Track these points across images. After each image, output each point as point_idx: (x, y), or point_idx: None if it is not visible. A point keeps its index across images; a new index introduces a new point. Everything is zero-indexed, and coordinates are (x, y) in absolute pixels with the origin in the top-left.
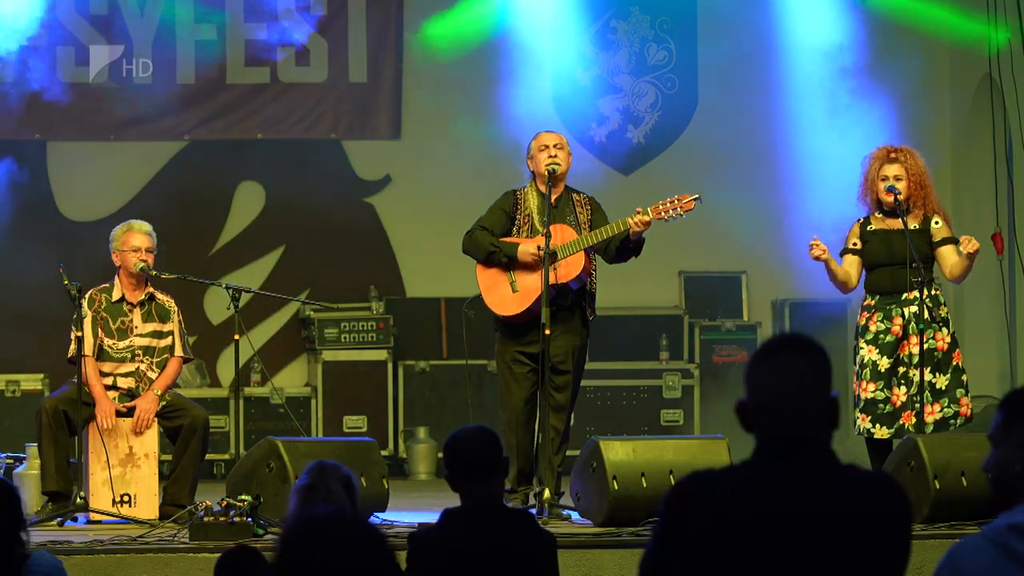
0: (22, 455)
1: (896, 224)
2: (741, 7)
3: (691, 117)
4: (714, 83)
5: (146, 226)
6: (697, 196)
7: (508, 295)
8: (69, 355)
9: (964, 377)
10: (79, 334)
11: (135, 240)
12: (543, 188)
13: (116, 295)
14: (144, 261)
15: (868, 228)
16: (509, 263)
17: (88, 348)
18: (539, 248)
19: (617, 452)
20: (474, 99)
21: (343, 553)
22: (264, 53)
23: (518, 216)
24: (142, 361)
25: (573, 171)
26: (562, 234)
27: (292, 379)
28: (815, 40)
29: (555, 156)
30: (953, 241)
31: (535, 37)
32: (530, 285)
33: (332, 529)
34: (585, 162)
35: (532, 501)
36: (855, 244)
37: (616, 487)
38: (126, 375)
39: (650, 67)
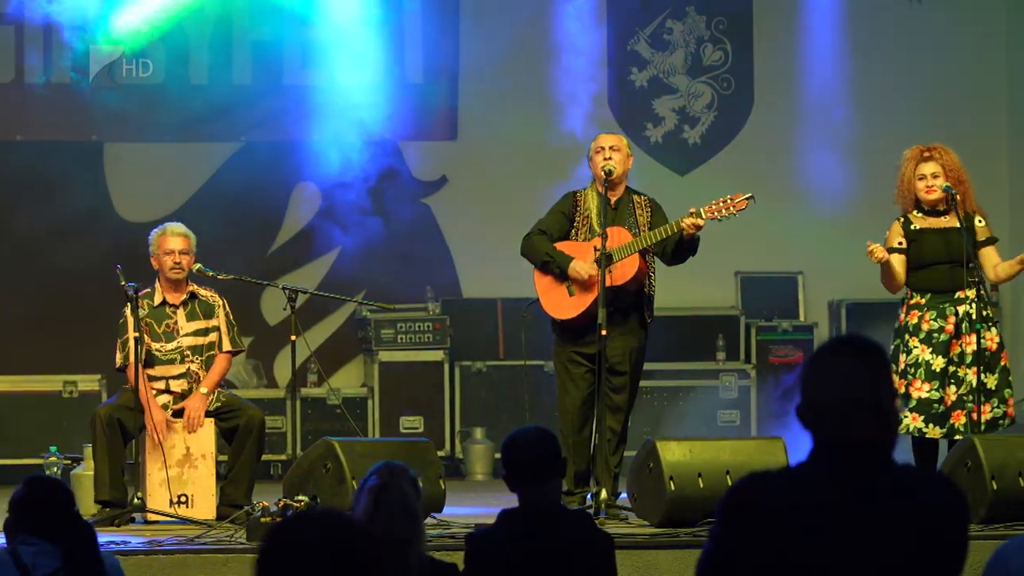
0: (79, 456)
1: (943, 222)
2: (796, 6)
3: (747, 117)
4: (770, 83)
5: (180, 228)
6: (750, 195)
7: (565, 299)
8: (117, 364)
9: (1010, 378)
10: (125, 338)
11: (168, 243)
12: (602, 189)
13: (157, 299)
14: (178, 264)
15: (912, 227)
16: (562, 273)
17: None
18: (596, 250)
19: (674, 453)
20: (530, 100)
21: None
22: (320, 54)
23: (577, 217)
24: (192, 361)
25: (629, 172)
26: (617, 237)
27: (349, 379)
28: (870, 38)
29: (610, 158)
30: (994, 241)
31: (590, 37)
32: (586, 289)
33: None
34: (641, 163)
35: (589, 502)
36: (901, 243)
37: (673, 488)
38: (178, 377)
39: (706, 67)
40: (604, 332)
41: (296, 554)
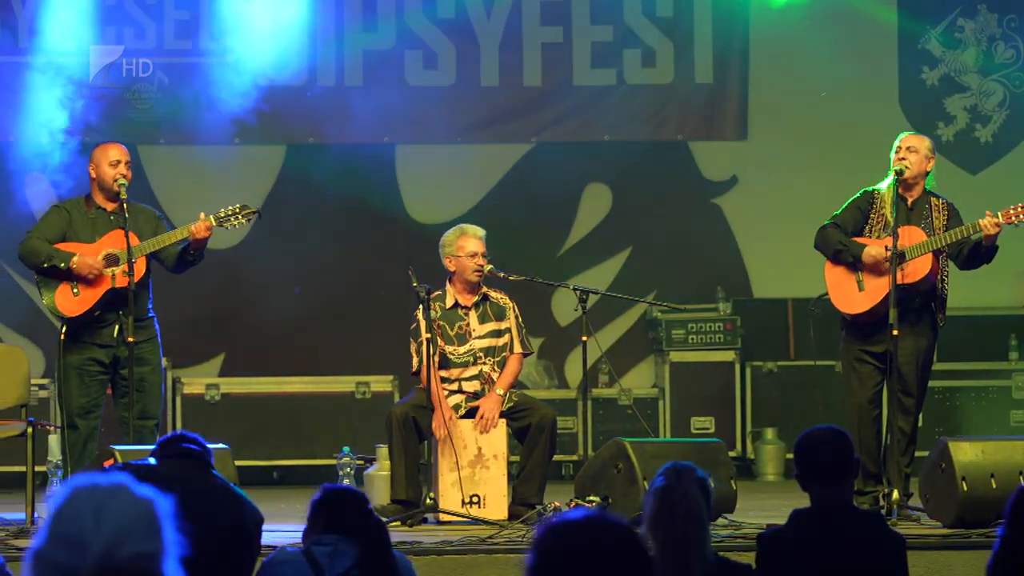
0: (372, 457)
1: None
2: None
3: None
4: None
5: (480, 231)
6: None
7: (855, 293)
8: (413, 369)
9: None
10: (420, 341)
11: (471, 245)
12: (900, 189)
13: (449, 301)
14: (480, 267)
15: None
16: (855, 263)
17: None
18: (887, 248)
19: (966, 453)
20: (819, 98)
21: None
22: (610, 55)
23: (872, 214)
24: (484, 363)
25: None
26: (911, 235)
27: (639, 380)
28: None
29: (904, 159)
30: None
31: (880, 36)
32: (877, 285)
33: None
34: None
35: (881, 502)
36: None
37: (965, 488)
38: (470, 379)
39: (997, 65)
40: (896, 332)
41: (562, 558)
